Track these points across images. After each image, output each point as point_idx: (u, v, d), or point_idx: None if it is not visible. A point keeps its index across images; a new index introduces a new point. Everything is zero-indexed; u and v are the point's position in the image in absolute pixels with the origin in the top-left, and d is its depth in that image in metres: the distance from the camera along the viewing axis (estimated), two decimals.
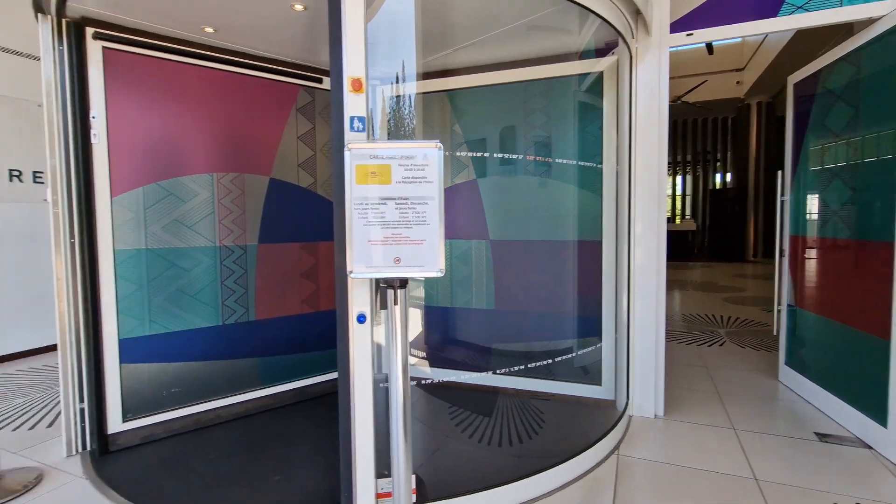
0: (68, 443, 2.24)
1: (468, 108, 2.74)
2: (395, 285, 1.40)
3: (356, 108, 1.48)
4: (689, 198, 14.57)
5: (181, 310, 2.51)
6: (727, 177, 13.81)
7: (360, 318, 1.49)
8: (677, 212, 14.57)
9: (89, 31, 2.20)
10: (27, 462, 2.19)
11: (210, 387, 2.60)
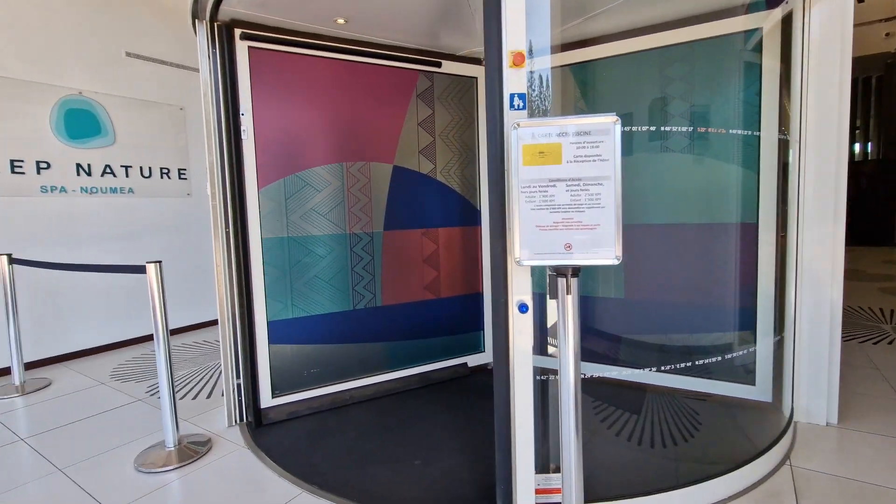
0: (228, 414, 2.46)
1: (603, 81, 2.53)
2: (567, 273, 1.30)
3: (517, 85, 1.39)
4: None
5: (318, 294, 2.64)
6: (869, 147, 11.85)
7: (523, 307, 1.42)
8: None
9: (237, 32, 2.34)
10: (196, 430, 2.45)
11: (343, 369, 2.72)
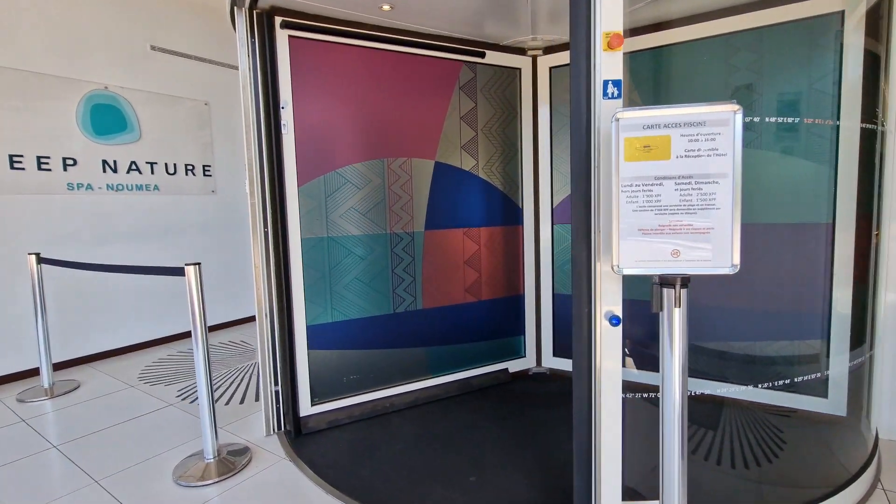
0: (266, 422, 2.35)
1: (677, 68, 2.36)
2: (676, 283, 1.15)
3: (612, 70, 1.24)
4: None
5: (358, 298, 2.51)
6: None
7: (614, 320, 1.27)
8: None
9: (277, 20, 2.21)
10: (234, 438, 2.34)
11: (384, 375, 2.59)
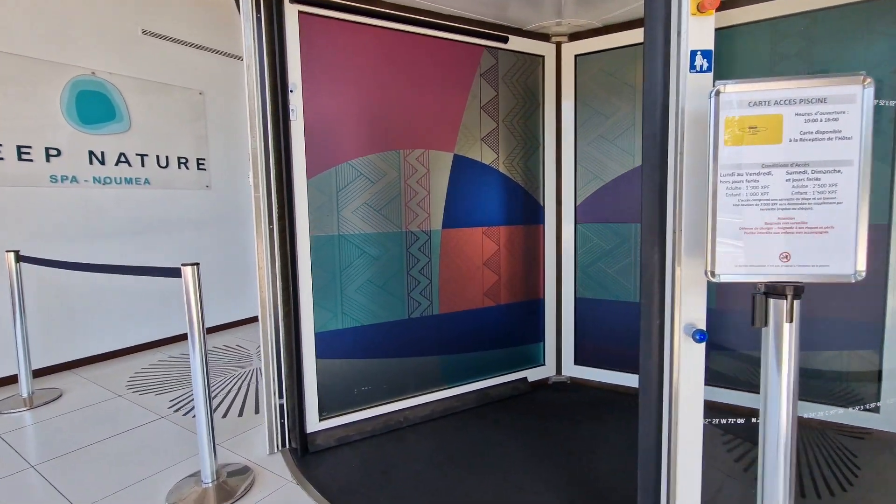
0: (270, 439, 2.13)
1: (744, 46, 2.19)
2: (788, 294, 0.96)
3: (702, 39, 1.04)
4: None
5: (370, 302, 2.30)
6: None
7: (699, 335, 1.08)
8: None
9: None
10: (234, 457, 2.11)
11: (397, 386, 2.38)
